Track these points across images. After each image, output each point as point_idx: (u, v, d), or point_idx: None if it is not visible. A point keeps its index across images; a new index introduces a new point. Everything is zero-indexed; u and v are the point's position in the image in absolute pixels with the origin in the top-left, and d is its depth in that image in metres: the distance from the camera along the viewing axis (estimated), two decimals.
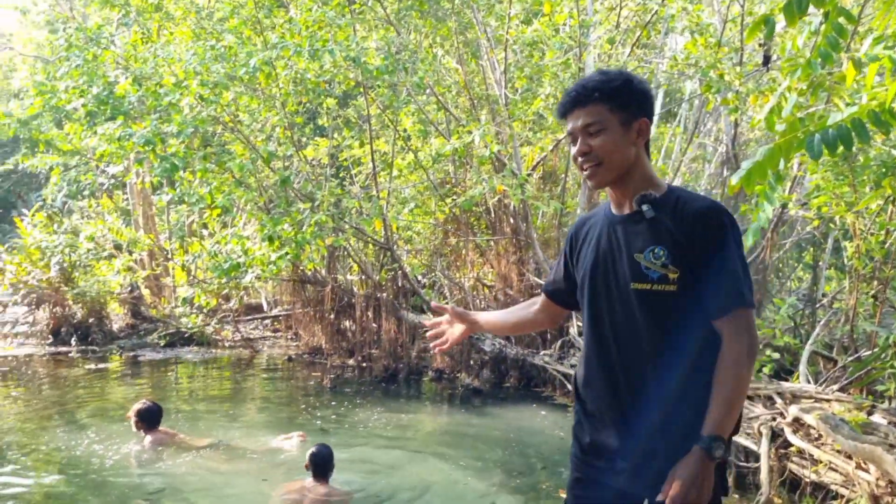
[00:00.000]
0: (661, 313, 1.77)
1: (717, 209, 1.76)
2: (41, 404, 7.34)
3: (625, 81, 1.83)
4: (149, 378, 8.75)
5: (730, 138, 7.85)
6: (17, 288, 10.34)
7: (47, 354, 9.81)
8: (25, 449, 5.68)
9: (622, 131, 1.81)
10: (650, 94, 1.88)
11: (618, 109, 1.80)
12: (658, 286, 1.76)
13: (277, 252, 6.97)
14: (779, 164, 2.31)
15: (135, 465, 5.23)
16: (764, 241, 6.49)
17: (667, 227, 1.76)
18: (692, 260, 1.73)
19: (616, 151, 1.81)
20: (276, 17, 8.16)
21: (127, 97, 7.28)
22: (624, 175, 1.84)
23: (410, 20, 8.33)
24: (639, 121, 1.82)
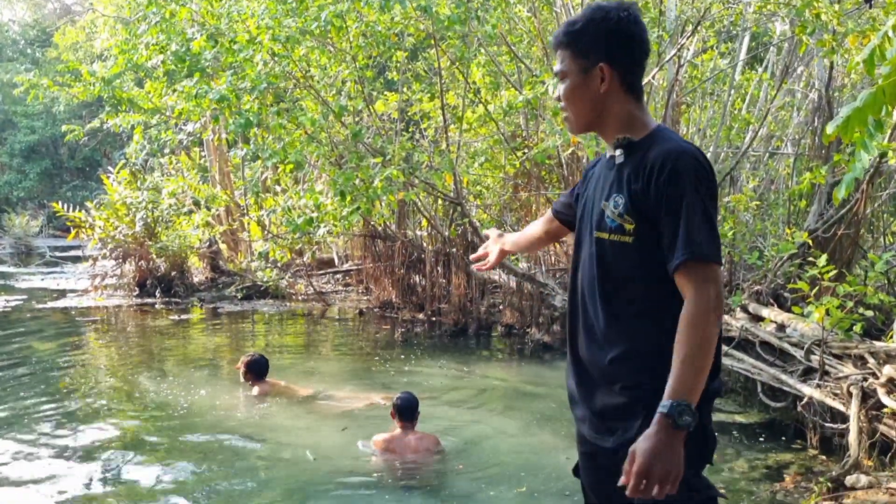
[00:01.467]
0: (615, 264, 1.69)
1: (678, 152, 1.62)
2: (133, 352, 7.75)
3: (585, 24, 1.71)
4: (227, 329, 9.07)
5: (823, 84, 7.36)
6: (106, 242, 10.84)
7: (134, 306, 10.31)
8: (121, 395, 6.01)
9: (581, 79, 1.71)
10: (617, 33, 1.69)
11: (577, 55, 1.71)
12: (615, 236, 1.68)
13: (349, 207, 7.03)
14: (881, 111, 2.17)
15: (244, 413, 5.41)
16: (858, 194, 6.12)
17: (629, 174, 1.66)
18: (649, 210, 1.62)
19: (578, 99, 1.73)
20: None
21: (203, 54, 7.40)
22: (595, 123, 1.76)
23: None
24: (598, 66, 1.69)
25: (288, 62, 7.34)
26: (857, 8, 6.63)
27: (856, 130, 2.20)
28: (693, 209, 1.57)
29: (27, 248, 19.96)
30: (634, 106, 1.74)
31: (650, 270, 1.65)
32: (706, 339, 1.53)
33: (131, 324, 9.41)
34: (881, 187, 7.14)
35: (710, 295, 1.54)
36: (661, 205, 1.59)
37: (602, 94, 1.70)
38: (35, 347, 7.94)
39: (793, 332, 5.15)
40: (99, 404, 5.65)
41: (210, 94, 6.97)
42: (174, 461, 4.46)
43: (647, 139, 1.69)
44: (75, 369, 6.87)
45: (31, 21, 32.54)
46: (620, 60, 1.71)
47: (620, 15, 1.69)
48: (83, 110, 22.20)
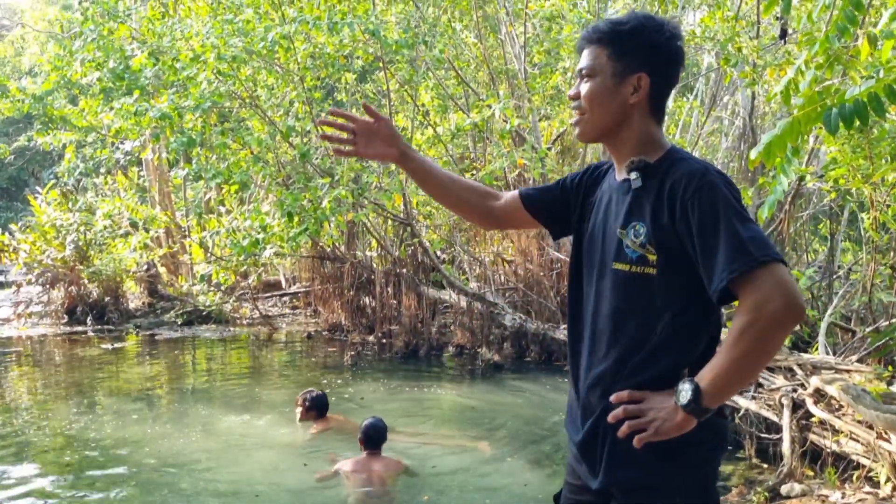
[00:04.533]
0: (637, 297, 1.55)
1: (703, 171, 1.50)
2: (59, 385, 7.32)
3: (635, 27, 1.59)
4: (166, 357, 8.75)
5: (747, 112, 7.77)
6: (32, 267, 10.32)
7: (63, 334, 9.80)
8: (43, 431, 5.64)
9: (614, 83, 1.59)
10: (665, 50, 1.60)
11: (616, 57, 1.59)
12: (637, 268, 1.54)
13: (297, 228, 6.91)
14: (797, 138, 2.30)
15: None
16: (781, 214, 6.48)
17: (650, 200, 1.54)
18: (676, 237, 1.49)
19: (601, 103, 1.61)
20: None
21: (143, 72, 7.22)
22: (611, 133, 1.64)
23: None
24: (637, 75, 1.58)
25: (234, 81, 7.22)
26: (773, 43, 7.03)
27: (776, 156, 2.32)
28: (733, 219, 1.43)
29: None
30: (655, 127, 1.64)
31: (673, 303, 1.52)
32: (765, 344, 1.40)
33: (59, 354, 8.94)
34: (802, 208, 7.54)
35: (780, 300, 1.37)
36: (693, 227, 1.46)
37: (630, 104, 1.60)
38: None
39: None
40: (18, 441, 5.30)
41: (151, 112, 6.78)
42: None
43: (663, 161, 1.58)
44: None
45: None
46: (659, 76, 1.61)
47: (673, 32, 1.61)
48: (9, 127, 21.29)
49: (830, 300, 6.15)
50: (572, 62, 7.75)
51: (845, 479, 4.00)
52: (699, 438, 1.50)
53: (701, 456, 1.56)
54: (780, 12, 4.23)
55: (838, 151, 4.94)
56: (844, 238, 7.79)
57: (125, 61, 7.36)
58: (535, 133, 7.87)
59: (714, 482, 1.62)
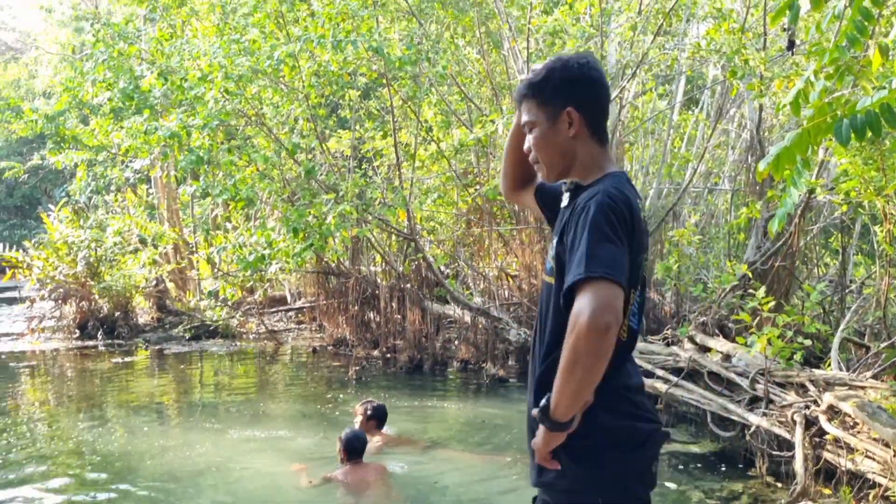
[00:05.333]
0: (547, 306, 1.73)
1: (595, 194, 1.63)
2: (71, 398, 7.44)
3: (547, 73, 1.75)
4: (174, 371, 8.84)
5: (754, 124, 7.77)
6: (45, 283, 10.48)
7: (74, 349, 9.92)
8: (56, 443, 5.75)
9: (550, 125, 1.75)
10: (581, 79, 1.74)
11: (543, 104, 1.76)
12: (549, 278, 1.75)
13: (302, 244, 7.00)
14: (807, 150, 2.29)
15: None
16: (791, 228, 6.42)
17: (566, 220, 1.70)
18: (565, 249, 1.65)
19: (547, 147, 1.76)
20: (299, 11, 8.18)
21: (152, 91, 7.35)
22: (567, 167, 1.78)
23: (432, 11, 8.33)
24: (565, 111, 1.73)
25: (240, 100, 7.34)
26: (780, 55, 7.03)
27: (785, 168, 2.31)
28: (590, 239, 1.55)
29: None
30: (598, 150, 1.77)
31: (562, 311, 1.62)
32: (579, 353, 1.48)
33: (70, 368, 9.05)
34: (812, 221, 7.49)
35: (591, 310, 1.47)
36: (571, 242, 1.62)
37: (571, 138, 1.74)
38: None
39: (738, 362, 5.27)
40: (31, 452, 5.39)
41: (160, 131, 6.91)
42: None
43: (594, 182, 1.71)
44: (7, 418, 6.50)
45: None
46: (586, 104, 1.75)
47: (580, 62, 1.75)
48: (23, 147, 21.61)
49: (843, 315, 6.06)
50: None
51: (861, 498, 3.93)
52: (614, 442, 1.66)
53: (617, 458, 1.67)
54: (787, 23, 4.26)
55: (849, 163, 4.87)
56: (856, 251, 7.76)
57: (135, 81, 7.50)
58: None
59: (638, 482, 1.71)
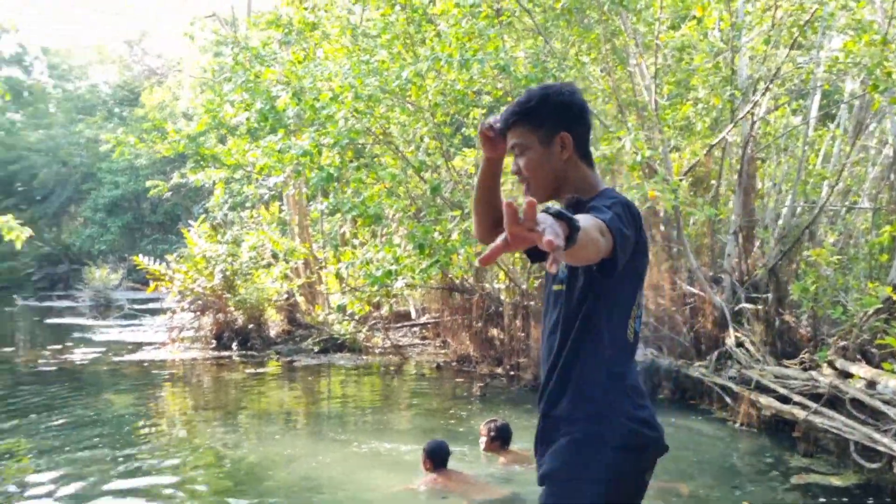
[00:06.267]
0: (558, 314, 1.82)
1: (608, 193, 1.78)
2: (208, 406, 7.85)
3: (540, 99, 1.84)
4: (303, 382, 9.15)
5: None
6: (185, 295, 11.14)
7: (211, 359, 10.47)
8: (194, 449, 6.05)
9: (542, 149, 1.84)
10: (572, 105, 1.85)
11: (536, 128, 1.84)
12: (558, 286, 1.83)
13: (427, 260, 7.10)
14: None
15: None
16: None
17: None
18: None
19: (539, 169, 1.85)
20: (426, 31, 8.36)
21: (286, 112, 7.70)
22: (558, 188, 1.86)
23: (557, 29, 8.29)
24: (559, 135, 1.83)
25: (368, 119, 7.56)
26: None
27: None
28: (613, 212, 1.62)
29: (106, 300, 20.74)
30: (588, 171, 1.88)
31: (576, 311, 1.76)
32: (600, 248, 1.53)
33: (207, 377, 9.54)
34: None
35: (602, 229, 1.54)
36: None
37: (563, 161, 1.84)
38: (110, 401, 8.05)
39: (884, 389, 4.94)
40: (171, 459, 5.66)
41: (293, 150, 7.22)
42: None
43: (594, 198, 1.79)
44: (149, 423, 6.94)
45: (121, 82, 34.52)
46: (577, 129, 1.85)
47: (570, 90, 1.87)
48: (166, 166, 23.26)
49: None
50: (706, 93, 7.61)
51: None
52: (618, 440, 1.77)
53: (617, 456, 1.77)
54: None
55: None
56: None
57: (271, 102, 7.88)
58: (666, 164, 7.70)
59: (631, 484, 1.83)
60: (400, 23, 8.02)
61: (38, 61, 38.05)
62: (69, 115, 34.00)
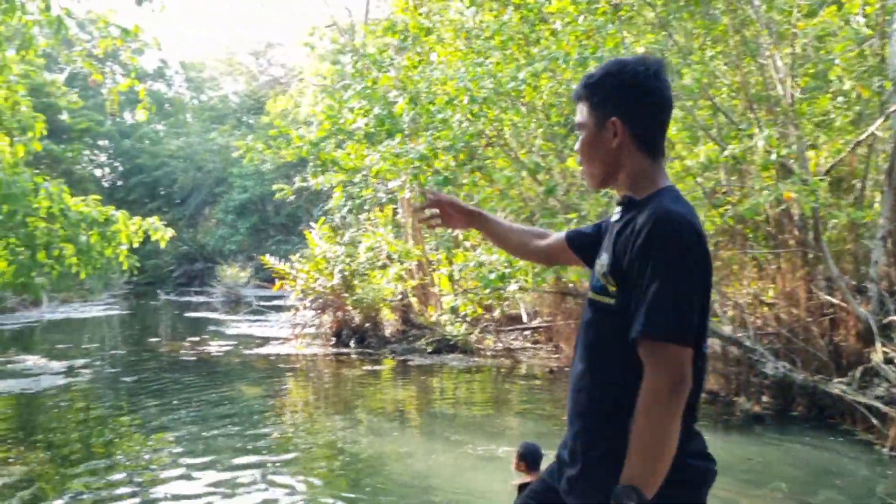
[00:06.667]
0: (598, 326, 1.63)
1: (663, 213, 1.51)
2: (328, 400, 8.14)
3: (600, 77, 1.67)
4: (417, 382, 9.24)
5: None
6: (307, 294, 11.56)
7: (330, 355, 10.86)
8: (315, 439, 6.28)
9: (596, 131, 1.67)
10: (633, 89, 1.63)
11: (594, 108, 1.68)
12: (599, 297, 1.63)
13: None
14: None
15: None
16: None
17: (617, 233, 1.60)
18: (626, 271, 1.54)
19: (588, 152, 1.70)
20: (540, 31, 8.21)
21: (404, 115, 7.78)
22: (611, 177, 1.70)
23: (680, 22, 7.91)
24: (610, 120, 1.64)
25: (483, 121, 7.51)
26: None
27: None
28: (660, 281, 1.46)
29: (236, 297, 21.88)
30: (648, 163, 1.65)
31: (625, 336, 1.52)
32: (660, 426, 1.43)
33: (327, 372, 9.88)
34: None
35: (665, 380, 1.43)
36: (634, 270, 1.51)
37: (614, 148, 1.66)
38: (241, 391, 8.58)
39: None
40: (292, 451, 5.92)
41: (410, 154, 7.28)
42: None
43: (649, 198, 1.60)
44: (273, 414, 7.34)
45: (248, 92, 36.46)
46: (634, 115, 1.64)
47: (637, 69, 1.64)
48: (289, 170, 24.28)
49: None
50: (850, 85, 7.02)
51: None
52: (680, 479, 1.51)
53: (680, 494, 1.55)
54: None
55: None
56: None
57: (388, 108, 7.99)
58: (803, 163, 7.16)
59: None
60: (514, 23, 7.92)
61: (178, 75, 40.83)
62: (204, 124, 36.26)
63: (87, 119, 30.12)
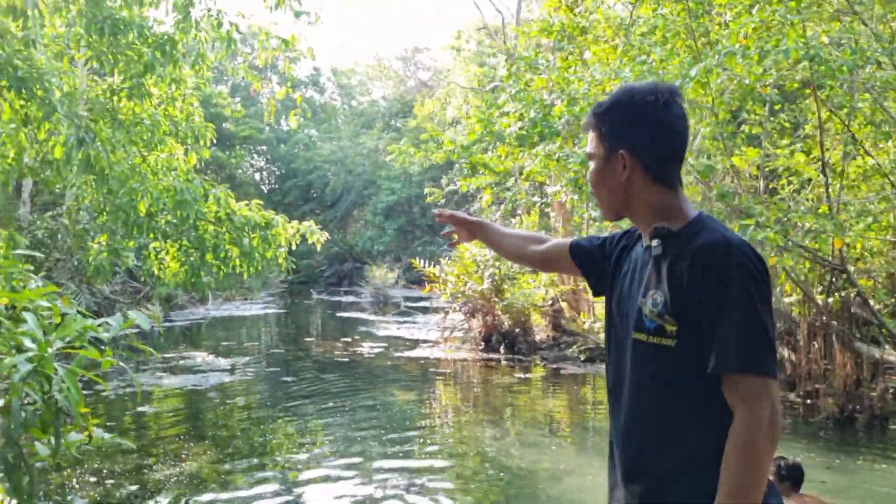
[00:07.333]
0: (656, 370, 1.48)
1: (725, 245, 1.42)
2: (478, 407, 8.09)
3: (610, 106, 1.58)
4: (569, 391, 9.01)
5: None
6: (456, 297, 11.62)
7: (479, 360, 10.83)
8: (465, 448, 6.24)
9: (604, 164, 1.59)
10: (642, 121, 1.53)
11: (602, 139, 1.59)
12: (654, 338, 1.48)
13: None
14: None
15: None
16: None
17: (669, 268, 1.47)
18: (693, 309, 1.42)
19: (598, 185, 1.62)
20: (705, 23, 7.74)
21: (562, 118, 7.58)
22: (624, 208, 1.61)
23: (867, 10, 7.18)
24: (619, 152, 1.55)
25: None
26: None
27: None
28: (743, 313, 1.38)
29: (384, 297, 22.50)
30: (668, 195, 1.55)
31: (694, 379, 1.43)
32: (756, 463, 1.36)
33: (476, 378, 9.86)
34: None
35: (762, 416, 1.35)
36: (706, 305, 1.41)
37: (625, 181, 1.57)
38: (394, 394, 8.74)
39: None
40: (440, 460, 5.90)
41: (571, 158, 7.08)
42: None
43: (688, 228, 1.51)
44: (423, 419, 7.41)
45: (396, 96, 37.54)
46: (643, 148, 1.54)
47: (647, 99, 1.53)
48: (436, 172, 24.67)
49: None
50: None
51: None
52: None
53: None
54: None
55: None
56: None
57: (545, 110, 7.82)
58: None
59: None
60: (679, 17, 7.50)
61: (329, 82, 42.73)
62: (354, 128, 37.69)
63: (248, 127, 32.18)
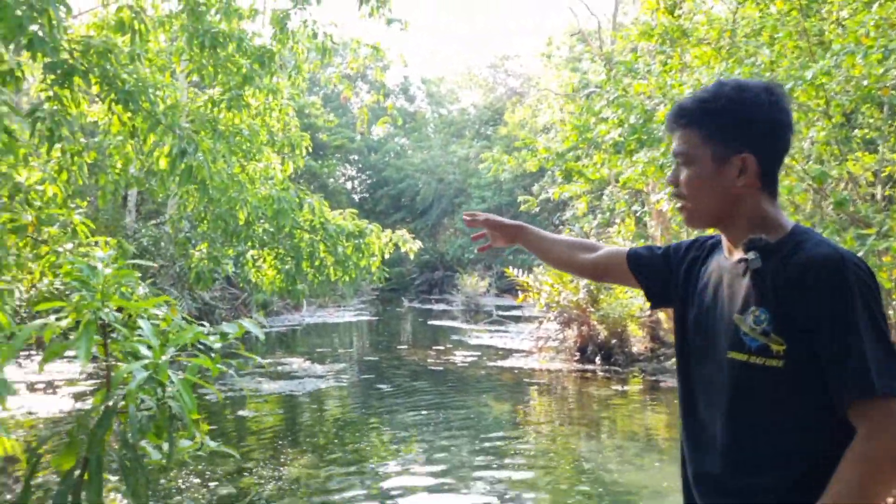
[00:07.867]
0: (760, 393, 1.36)
1: (836, 259, 1.31)
2: (573, 420, 7.95)
3: (728, 102, 1.42)
4: (668, 406, 8.72)
5: None
6: (551, 307, 11.48)
7: (575, 371, 10.65)
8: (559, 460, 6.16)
9: (714, 167, 1.43)
10: (767, 122, 1.41)
11: (712, 139, 1.43)
12: (757, 358, 1.36)
13: None
14: None
15: None
16: None
17: (773, 283, 1.36)
18: (804, 328, 1.31)
19: (704, 191, 1.45)
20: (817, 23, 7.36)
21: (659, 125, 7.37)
22: (722, 218, 1.47)
23: None
24: (740, 156, 1.41)
25: None
26: None
27: None
28: (870, 332, 1.28)
29: (476, 306, 22.52)
30: (769, 203, 1.45)
31: (799, 398, 1.33)
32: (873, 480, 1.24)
33: (572, 389, 9.70)
34: None
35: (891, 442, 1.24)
36: (823, 323, 1.29)
37: (737, 188, 1.43)
38: (488, 404, 8.73)
39: None
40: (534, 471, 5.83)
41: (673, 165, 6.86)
42: None
43: (787, 240, 1.40)
44: (517, 431, 7.32)
45: (486, 104, 37.66)
46: (766, 151, 1.43)
47: (770, 99, 1.42)
48: (526, 180, 24.56)
49: None
50: None
51: None
52: None
53: None
54: None
55: None
56: None
57: (648, 116, 7.63)
58: None
59: None
60: (792, 16, 7.15)
61: (419, 91, 43.28)
62: (444, 136, 38.01)
63: (341, 137, 32.98)
